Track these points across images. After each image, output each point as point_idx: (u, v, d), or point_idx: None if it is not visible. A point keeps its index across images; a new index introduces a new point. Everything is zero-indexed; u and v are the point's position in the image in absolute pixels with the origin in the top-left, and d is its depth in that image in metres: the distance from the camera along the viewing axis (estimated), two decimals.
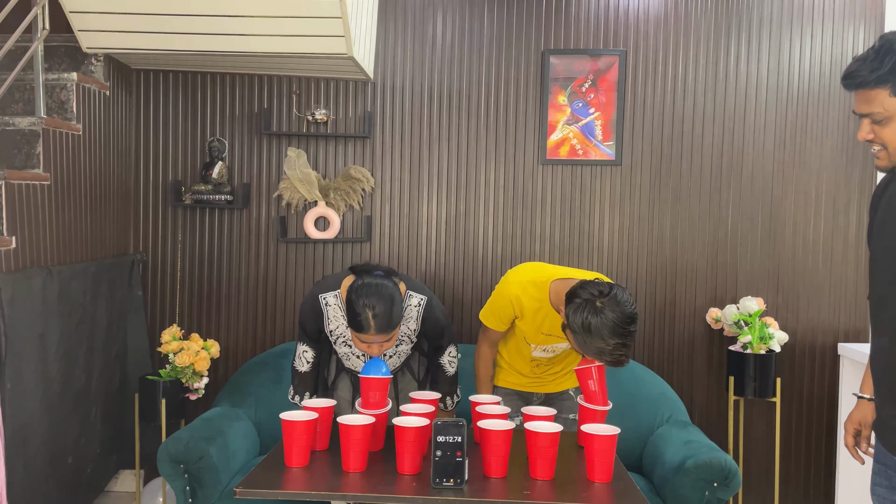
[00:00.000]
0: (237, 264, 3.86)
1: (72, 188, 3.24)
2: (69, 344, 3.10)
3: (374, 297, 2.38)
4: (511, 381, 2.82)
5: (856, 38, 3.74)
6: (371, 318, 2.37)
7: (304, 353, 2.73)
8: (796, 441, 3.81)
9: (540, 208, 3.81)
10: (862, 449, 2.00)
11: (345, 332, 2.67)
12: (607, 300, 2.24)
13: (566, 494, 2.04)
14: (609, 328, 2.21)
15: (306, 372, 2.73)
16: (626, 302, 2.26)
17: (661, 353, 3.82)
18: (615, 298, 2.25)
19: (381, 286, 2.41)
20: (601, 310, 2.22)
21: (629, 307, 2.26)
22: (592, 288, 2.28)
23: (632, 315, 2.25)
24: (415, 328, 2.69)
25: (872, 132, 1.67)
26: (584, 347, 2.28)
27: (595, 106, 3.76)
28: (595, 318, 2.22)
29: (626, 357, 2.27)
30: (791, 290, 3.78)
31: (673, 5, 3.77)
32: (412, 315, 2.66)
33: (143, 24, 3.24)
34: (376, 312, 2.37)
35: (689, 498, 2.78)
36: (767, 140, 3.77)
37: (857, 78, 1.64)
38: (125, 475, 3.86)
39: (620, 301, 2.25)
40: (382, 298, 2.39)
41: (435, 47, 3.81)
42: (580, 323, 2.24)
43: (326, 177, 3.83)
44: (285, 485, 2.07)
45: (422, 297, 2.67)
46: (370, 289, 2.40)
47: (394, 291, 2.44)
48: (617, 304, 2.24)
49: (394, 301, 2.41)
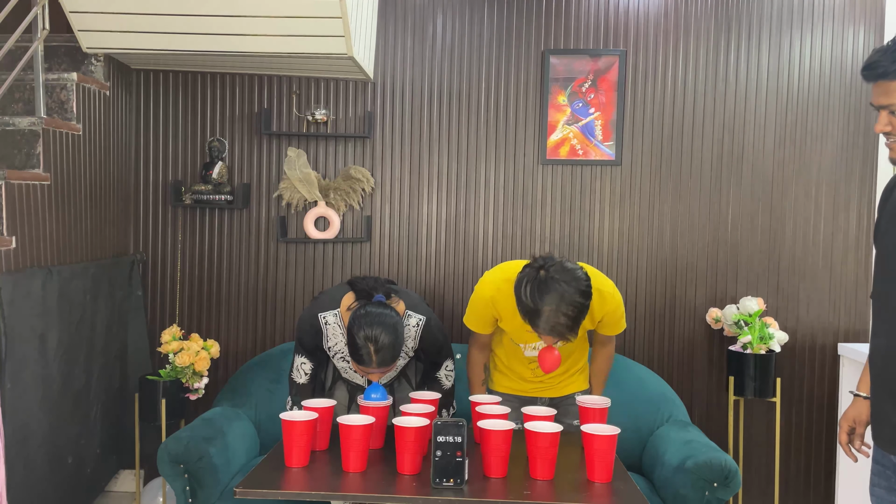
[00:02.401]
0: (237, 264, 3.86)
1: (72, 188, 3.24)
2: (69, 344, 3.10)
3: (377, 328, 2.35)
4: (514, 386, 2.77)
5: (856, 38, 3.74)
6: (374, 352, 2.35)
7: (301, 365, 2.71)
8: (796, 441, 3.81)
9: (540, 208, 3.81)
10: (855, 447, 2.00)
11: (343, 349, 2.66)
12: (552, 269, 2.22)
13: (566, 494, 2.04)
14: (550, 298, 2.19)
15: (304, 384, 2.72)
16: (575, 271, 2.23)
17: (661, 353, 3.82)
18: (561, 267, 2.23)
19: (383, 317, 2.38)
20: (544, 279, 2.20)
21: (580, 276, 2.22)
22: (538, 260, 2.28)
23: (581, 287, 2.21)
24: (413, 346, 2.67)
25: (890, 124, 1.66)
26: (525, 317, 2.25)
27: (595, 106, 3.76)
28: (536, 288, 2.20)
29: (568, 329, 2.22)
30: (791, 290, 3.78)
31: (673, 5, 3.77)
32: (410, 335, 2.64)
33: (143, 24, 3.24)
34: (379, 346, 2.35)
35: (689, 498, 2.78)
36: (767, 140, 3.77)
37: (878, 68, 1.62)
38: (125, 475, 3.86)
39: (568, 269, 2.22)
40: (385, 330, 2.36)
41: (435, 47, 3.81)
42: (521, 291, 2.23)
43: (326, 177, 3.83)
44: (285, 485, 2.07)
45: (420, 318, 2.65)
46: (373, 319, 2.37)
47: (396, 322, 2.40)
48: (563, 273, 2.21)
49: (397, 334, 2.39)
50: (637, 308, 3.81)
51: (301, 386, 2.72)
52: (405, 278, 3.84)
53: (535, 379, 2.74)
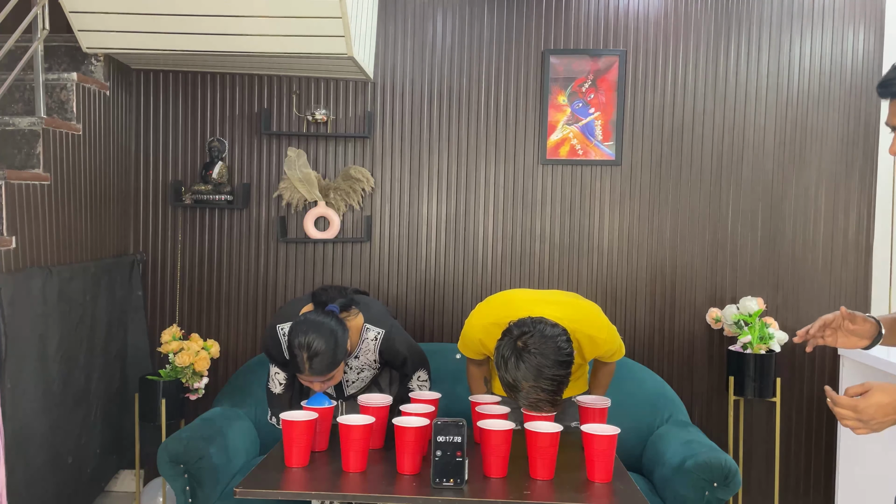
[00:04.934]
0: (237, 264, 3.86)
1: (72, 188, 3.24)
2: (69, 344, 3.10)
3: (312, 335, 2.30)
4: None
5: (856, 39, 3.74)
6: (306, 359, 2.31)
7: (276, 375, 2.71)
8: (796, 441, 3.81)
9: (540, 208, 3.81)
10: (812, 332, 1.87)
11: None
12: (530, 339, 2.11)
13: (566, 494, 2.04)
14: (525, 370, 2.10)
15: (281, 394, 2.72)
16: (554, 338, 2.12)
17: (661, 353, 3.82)
18: (540, 335, 2.12)
19: (321, 325, 2.33)
20: (520, 350, 2.11)
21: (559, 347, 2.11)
22: (518, 326, 2.17)
23: (557, 358, 2.11)
24: (374, 359, 2.67)
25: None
26: (504, 388, 2.18)
27: (595, 106, 3.76)
28: (513, 358, 2.11)
29: (546, 402, 2.14)
30: (791, 290, 3.78)
31: (673, 5, 3.77)
32: (370, 348, 2.63)
33: (143, 24, 3.24)
34: (311, 353, 2.30)
35: (689, 498, 2.78)
36: (767, 140, 3.78)
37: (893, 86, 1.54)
38: (125, 475, 3.86)
39: (547, 337, 2.12)
40: (320, 338, 2.30)
41: (435, 47, 3.81)
42: (499, 363, 2.15)
43: (326, 177, 3.83)
44: (285, 485, 2.07)
45: (379, 332, 2.62)
46: (310, 327, 2.32)
47: (335, 330, 2.35)
48: (541, 343, 2.11)
49: (335, 342, 2.33)
50: (637, 308, 3.81)
51: (278, 396, 2.72)
52: (405, 278, 3.84)
53: None
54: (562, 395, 2.18)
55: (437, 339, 3.85)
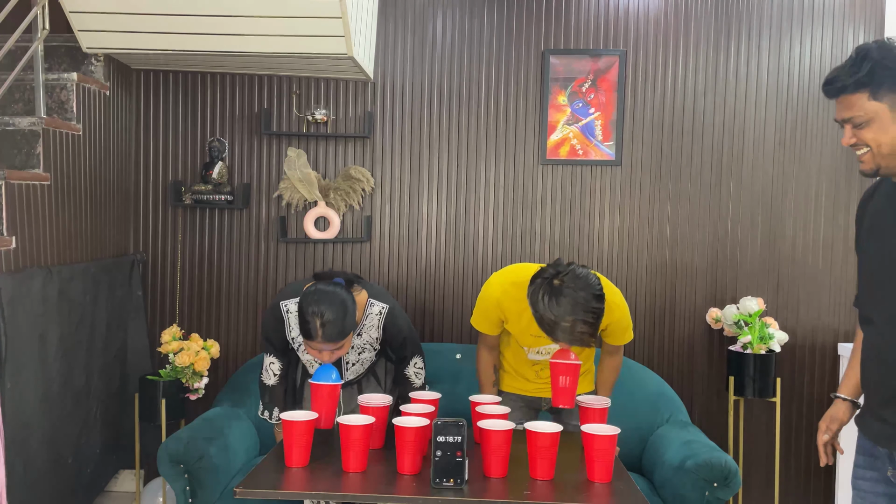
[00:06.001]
0: (237, 264, 3.86)
1: (72, 188, 3.24)
2: (69, 344, 3.10)
3: (324, 304, 2.34)
4: (517, 385, 2.77)
5: (856, 38, 3.74)
6: (319, 326, 2.34)
7: (270, 365, 2.70)
8: (796, 441, 3.81)
9: (540, 208, 3.81)
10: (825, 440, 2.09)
11: None
12: (566, 277, 2.22)
13: (566, 494, 2.04)
14: (567, 306, 2.19)
15: (274, 385, 2.71)
16: (587, 277, 2.23)
17: (661, 353, 3.82)
18: (574, 275, 2.22)
19: (332, 294, 2.38)
20: (559, 288, 2.20)
21: (592, 282, 2.23)
22: (550, 268, 2.27)
23: (595, 292, 2.22)
24: (377, 336, 2.67)
25: (855, 136, 1.74)
26: (544, 328, 2.25)
27: (595, 106, 3.76)
28: (552, 297, 2.20)
29: (589, 335, 2.23)
30: (791, 290, 3.78)
31: (673, 5, 3.77)
32: (374, 324, 2.64)
33: (143, 24, 3.24)
34: (325, 320, 2.33)
35: (689, 498, 2.78)
36: (767, 140, 3.78)
37: (836, 83, 1.71)
38: (125, 475, 3.86)
39: (580, 276, 2.22)
40: (332, 306, 2.35)
41: (435, 47, 3.81)
42: (537, 303, 2.23)
43: (326, 177, 3.83)
44: (285, 485, 2.07)
45: (383, 306, 2.64)
46: (321, 295, 2.36)
47: (346, 299, 2.39)
48: (576, 280, 2.21)
49: (346, 310, 2.37)
50: (637, 308, 3.81)
51: (271, 388, 2.71)
52: (405, 278, 3.84)
53: (539, 380, 2.74)
54: (597, 332, 2.29)
55: (437, 340, 3.85)
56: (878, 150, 1.72)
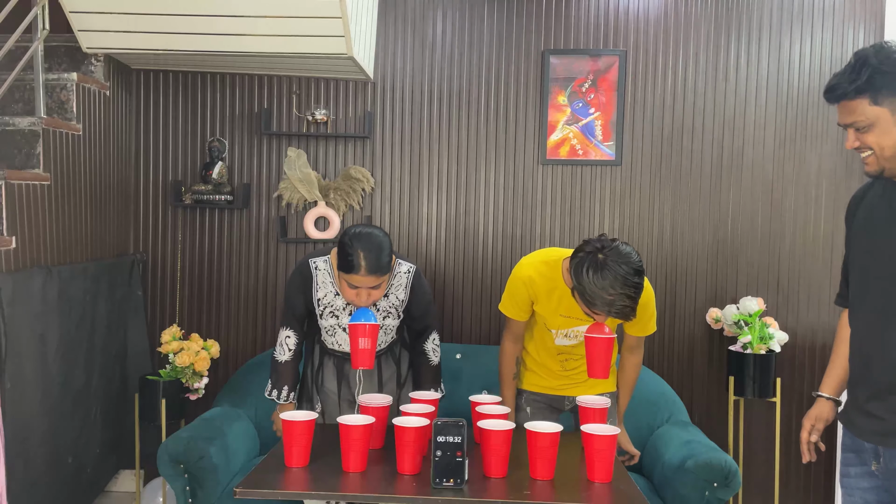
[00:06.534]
0: (237, 264, 3.86)
1: (72, 188, 3.24)
2: (69, 344, 3.10)
3: (365, 238, 2.43)
4: (541, 384, 2.76)
5: (856, 38, 3.74)
6: (363, 258, 2.40)
7: (286, 340, 2.71)
8: (796, 441, 3.81)
9: (540, 208, 3.81)
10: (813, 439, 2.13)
11: (332, 300, 2.65)
12: (610, 252, 2.28)
13: (566, 494, 2.04)
14: (611, 279, 2.24)
15: (287, 362, 2.71)
16: (630, 254, 2.29)
17: (661, 353, 3.82)
18: (617, 250, 2.28)
19: (371, 230, 2.48)
20: (604, 262, 2.26)
21: (634, 258, 2.29)
22: (594, 242, 2.33)
23: (636, 267, 2.28)
24: (403, 298, 2.68)
25: (858, 140, 1.78)
26: (588, 302, 2.29)
27: (595, 106, 3.76)
28: (597, 271, 2.25)
29: (630, 309, 2.28)
30: (791, 290, 3.78)
31: (673, 5, 3.77)
32: (401, 283, 2.67)
33: (143, 24, 3.24)
34: (368, 252, 2.41)
35: (689, 498, 2.78)
36: (767, 140, 3.78)
37: (837, 90, 1.76)
38: (125, 475, 3.86)
39: (623, 252, 2.28)
40: (374, 239, 2.44)
41: (435, 47, 3.81)
42: (580, 275, 2.27)
43: (326, 177, 3.83)
44: (285, 485, 2.07)
45: (411, 266, 2.70)
46: (362, 231, 2.46)
47: (384, 239, 2.48)
48: (619, 256, 2.27)
49: (383, 245, 2.46)
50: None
51: (283, 364, 2.72)
52: None
53: (564, 373, 2.73)
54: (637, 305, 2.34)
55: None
56: (881, 153, 1.76)
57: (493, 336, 3.83)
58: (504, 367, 2.74)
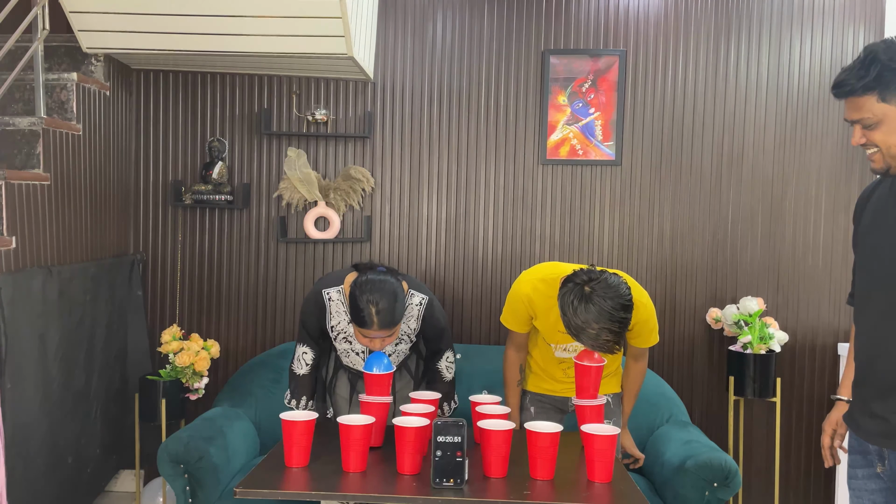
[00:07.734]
0: (237, 264, 3.86)
1: (72, 188, 3.24)
2: (69, 344, 3.10)
3: (377, 293, 2.41)
4: (545, 386, 2.76)
5: (856, 39, 3.74)
6: (374, 313, 2.40)
7: (303, 356, 2.72)
8: (796, 441, 3.81)
9: (540, 208, 3.81)
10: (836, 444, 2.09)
11: (346, 327, 2.67)
12: (597, 284, 2.24)
13: (566, 494, 2.04)
14: (595, 314, 2.21)
15: (304, 375, 2.73)
16: (618, 286, 2.26)
17: (661, 353, 3.82)
18: (605, 283, 2.25)
19: (384, 282, 2.45)
20: (589, 295, 2.23)
21: (622, 291, 2.25)
22: (583, 274, 2.30)
23: (623, 302, 2.24)
24: (415, 328, 2.69)
25: (864, 136, 1.78)
26: (573, 334, 2.28)
27: (595, 106, 3.76)
28: (581, 303, 2.22)
29: (613, 344, 2.26)
30: (791, 290, 3.78)
31: (673, 5, 3.77)
32: (413, 314, 2.67)
33: (143, 24, 3.24)
34: (379, 308, 2.39)
35: (689, 498, 2.78)
36: (767, 140, 3.78)
37: (845, 87, 1.74)
38: (125, 475, 3.86)
39: (611, 285, 2.25)
40: (385, 294, 2.41)
41: (435, 47, 3.81)
42: (566, 306, 2.25)
43: (326, 177, 3.83)
44: (285, 485, 2.07)
45: (423, 297, 2.69)
46: (374, 285, 2.43)
47: (397, 288, 2.47)
48: (606, 289, 2.24)
49: (396, 297, 2.44)
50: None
51: (301, 377, 2.73)
52: None
53: (567, 379, 2.73)
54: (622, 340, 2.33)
55: None
56: (887, 150, 1.76)
57: (494, 336, 3.83)
58: (507, 374, 2.75)
